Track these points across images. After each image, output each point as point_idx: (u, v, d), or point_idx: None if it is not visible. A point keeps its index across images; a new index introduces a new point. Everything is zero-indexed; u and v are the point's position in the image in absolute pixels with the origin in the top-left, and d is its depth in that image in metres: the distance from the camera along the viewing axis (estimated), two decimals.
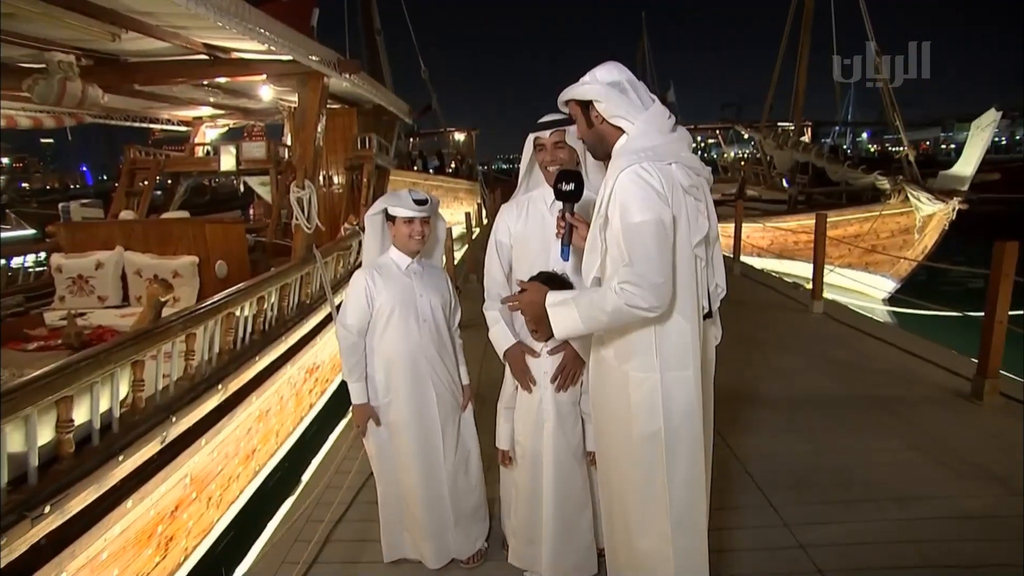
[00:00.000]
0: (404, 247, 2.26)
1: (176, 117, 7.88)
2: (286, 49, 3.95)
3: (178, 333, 2.95)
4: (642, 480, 1.71)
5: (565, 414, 2.07)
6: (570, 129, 1.99)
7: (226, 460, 3.53)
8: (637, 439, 1.69)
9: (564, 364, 2.07)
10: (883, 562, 2.40)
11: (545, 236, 2.09)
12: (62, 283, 5.18)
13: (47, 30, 3.68)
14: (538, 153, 2.08)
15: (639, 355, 1.68)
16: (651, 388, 1.66)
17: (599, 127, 1.71)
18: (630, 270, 1.52)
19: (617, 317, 1.57)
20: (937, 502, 2.79)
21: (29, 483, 2.09)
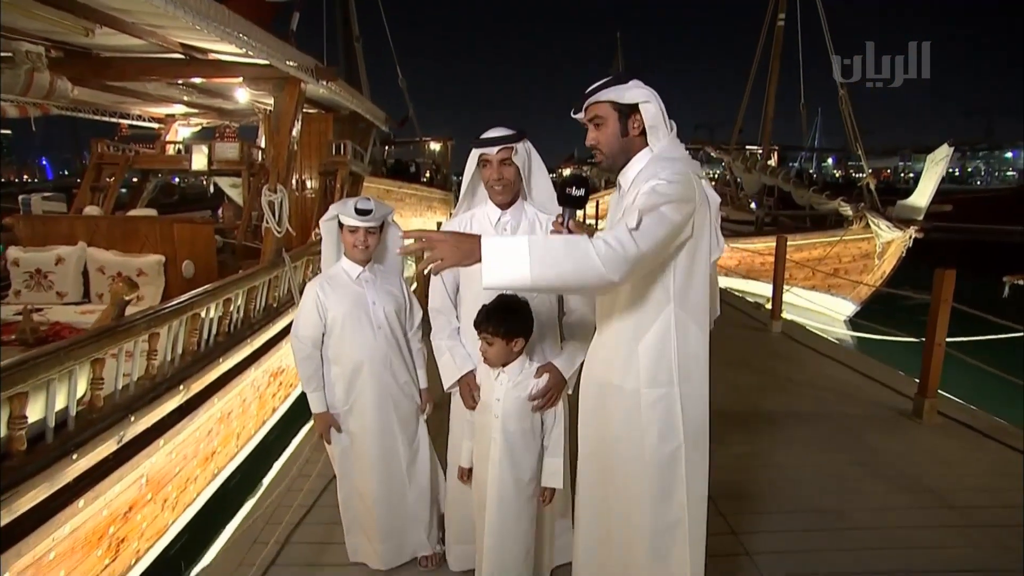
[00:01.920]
0: (350, 255, 2.29)
1: (148, 114, 7.77)
2: (263, 54, 3.98)
3: (141, 332, 2.94)
4: (658, 501, 1.65)
5: (513, 444, 1.97)
6: (516, 146, 1.98)
7: (184, 461, 3.50)
8: (652, 460, 1.63)
9: (548, 387, 1.98)
10: (821, 568, 2.52)
11: None
12: (19, 277, 5.07)
13: (16, 20, 3.65)
14: (483, 170, 2.03)
15: (654, 369, 1.62)
16: (668, 405, 1.62)
17: (633, 137, 1.64)
18: (627, 229, 1.42)
19: (576, 262, 1.38)
20: (870, 514, 2.93)
21: None
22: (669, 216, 1.46)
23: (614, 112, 1.63)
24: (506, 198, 2.05)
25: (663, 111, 1.62)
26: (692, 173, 1.56)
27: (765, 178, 12.84)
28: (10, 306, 4.77)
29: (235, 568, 2.49)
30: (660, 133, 1.62)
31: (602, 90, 1.62)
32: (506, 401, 1.96)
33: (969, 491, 3.12)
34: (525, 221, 2.09)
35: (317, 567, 2.54)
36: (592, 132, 1.68)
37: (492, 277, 1.39)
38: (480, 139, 2.02)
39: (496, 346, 1.91)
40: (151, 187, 8.12)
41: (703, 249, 1.62)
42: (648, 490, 1.64)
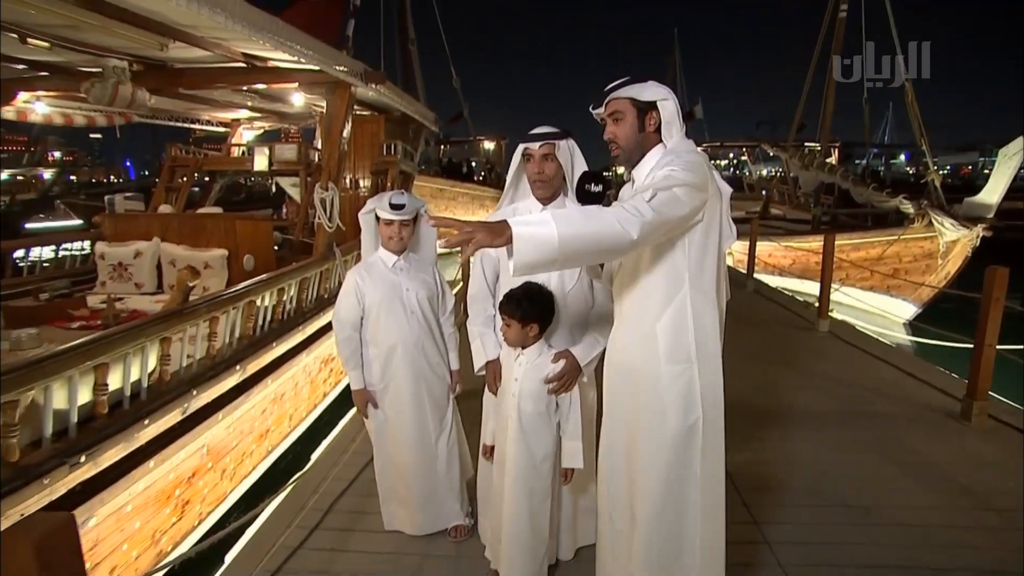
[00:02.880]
0: (386, 246, 2.48)
1: (216, 118, 8.34)
2: (314, 60, 4.28)
3: (203, 315, 3.26)
4: (675, 476, 1.72)
5: (527, 424, 2.08)
6: (560, 143, 2.07)
7: (241, 436, 3.82)
8: (672, 435, 1.70)
9: (563, 372, 2.07)
10: (840, 559, 2.54)
11: None
12: (104, 269, 5.57)
13: (103, 39, 4.06)
14: (526, 164, 2.13)
15: (673, 347, 1.70)
16: (688, 380, 1.69)
17: (649, 133, 1.74)
18: (642, 197, 1.52)
19: (597, 224, 1.46)
20: (899, 511, 2.91)
21: (69, 435, 2.39)
22: (681, 197, 1.54)
23: (633, 108, 1.72)
24: (547, 192, 2.13)
25: (679, 110, 1.72)
26: (705, 163, 1.65)
27: (823, 175, 12.42)
28: (97, 295, 5.27)
29: (284, 529, 2.74)
30: (674, 130, 1.72)
31: (623, 87, 1.73)
32: (523, 382, 2.08)
33: (1009, 495, 3.03)
34: None
35: (356, 532, 2.75)
36: (611, 127, 1.77)
37: (522, 252, 1.41)
38: (526, 135, 2.13)
39: (512, 328, 2.04)
40: (218, 187, 8.70)
41: (714, 235, 1.70)
42: (667, 460, 1.71)
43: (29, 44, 3.92)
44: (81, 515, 2.41)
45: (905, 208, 9.87)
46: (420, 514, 2.60)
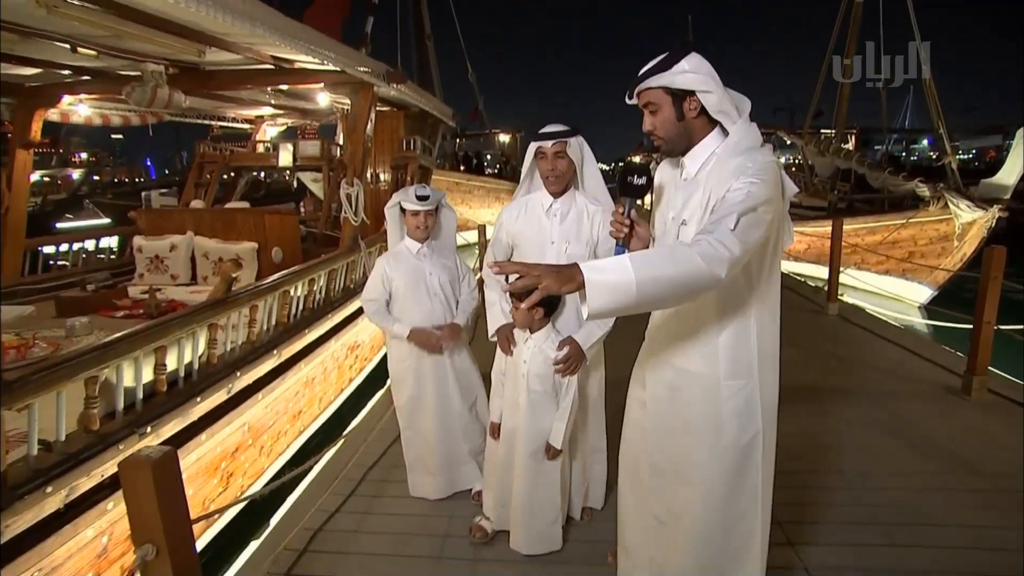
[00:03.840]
0: (412, 235, 2.71)
1: (241, 116, 8.65)
2: (340, 63, 4.53)
3: (244, 304, 3.55)
4: (732, 489, 1.68)
5: (535, 401, 2.24)
6: (570, 141, 2.19)
7: (277, 416, 4.12)
8: (730, 448, 1.65)
9: (569, 355, 2.19)
10: (832, 518, 2.75)
11: (540, 236, 2.31)
12: (142, 262, 5.90)
13: (144, 47, 4.34)
14: (539, 162, 2.25)
15: (736, 361, 1.63)
16: (749, 394, 1.64)
17: (691, 120, 1.58)
18: (727, 229, 1.39)
19: (679, 266, 1.34)
20: (898, 478, 3.11)
21: (136, 409, 2.69)
22: (765, 218, 1.45)
23: (667, 97, 1.57)
24: (558, 188, 2.26)
25: (723, 92, 1.55)
26: (777, 162, 1.55)
27: (839, 161, 12.43)
28: (136, 286, 5.61)
29: (324, 494, 3.03)
30: (733, 116, 1.56)
31: (653, 75, 1.56)
32: (531, 364, 2.24)
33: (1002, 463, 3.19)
34: (575, 209, 2.31)
35: (385, 498, 3.04)
36: (648, 118, 1.63)
37: (597, 300, 1.31)
38: (538, 133, 2.24)
39: (520, 310, 2.17)
40: (243, 182, 9.04)
41: (780, 242, 1.64)
42: (722, 478, 1.66)
43: (79, 52, 4.22)
44: None
45: (921, 191, 9.89)
46: (440, 477, 2.87)
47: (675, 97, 1.56)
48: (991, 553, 2.48)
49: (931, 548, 2.53)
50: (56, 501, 2.23)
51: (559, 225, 2.28)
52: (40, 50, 4.29)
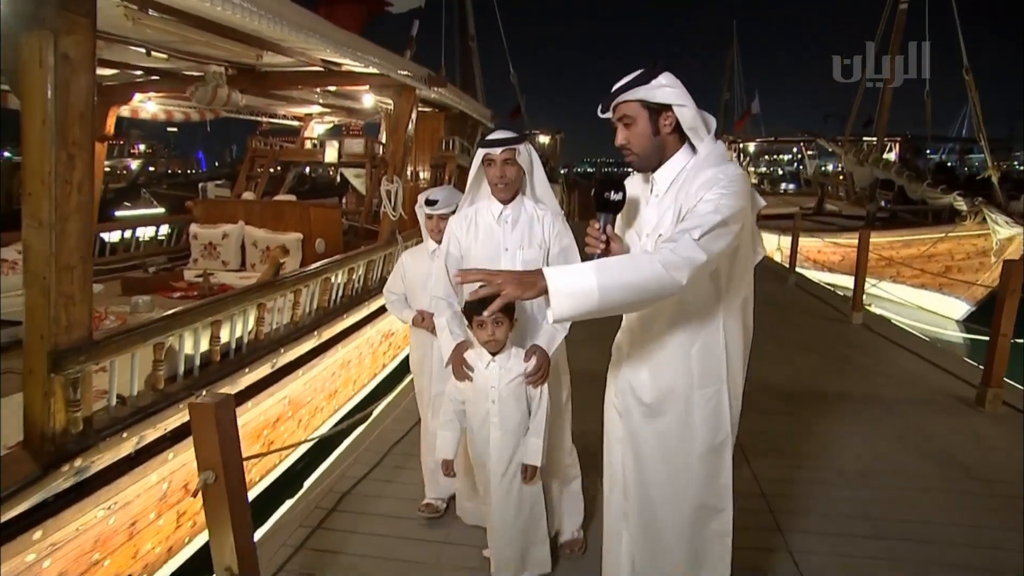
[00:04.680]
0: (430, 236, 2.71)
1: (291, 113, 9.12)
2: (384, 68, 4.87)
3: (289, 287, 3.91)
4: (703, 490, 1.73)
5: (510, 428, 2.07)
6: (519, 148, 2.14)
7: (315, 393, 4.47)
8: (700, 455, 1.70)
9: (539, 365, 2.07)
10: (824, 510, 2.90)
11: (492, 248, 2.22)
12: (197, 248, 6.37)
13: (209, 50, 4.76)
14: (487, 168, 2.17)
15: (705, 370, 1.68)
16: (718, 401, 1.69)
17: (665, 136, 1.62)
18: (691, 239, 1.42)
19: (642, 272, 1.39)
20: (896, 478, 3.23)
21: (194, 374, 3.05)
22: (733, 228, 1.48)
23: (644, 111, 1.59)
24: (508, 195, 2.20)
25: (697, 109, 1.60)
26: (746, 176, 1.58)
27: (877, 171, 12.26)
28: (191, 271, 6.08)
29: (349, 467, 3.33)
30: (701, 132, 1.60)
31: (631, 89, 1.59)
32: (501, 387, 2.04)
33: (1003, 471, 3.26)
34: (524, 215, 2.25)
35: (405, 469, 3.31)
36: (622, 132, 1.64)
37: (561, 305, 1.36)
38: (485, 140, 2.20)
39: (505, 326, 1.99)
40: (291, 176, 9.54)
41: (748, 252, 1.67)
42: (693, 483, 1.72)
43: (152, 56, 4.66)
44: None
45: (958, 205, 9.73)
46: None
47: (651, 111, 1.59)
48: (983, 551, 2.58)
49: (921, 543, 2.65)
50: (129, 446, 2.60)
51: (511, 231, 2.22)
52: (119, 54, 4.74)
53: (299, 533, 2.73)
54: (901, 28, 12.69)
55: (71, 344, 2.26)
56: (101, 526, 2.56)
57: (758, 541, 2.64)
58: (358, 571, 2.49)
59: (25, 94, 2.11)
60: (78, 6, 2.14)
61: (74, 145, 2.20)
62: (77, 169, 2.23)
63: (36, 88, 2.09)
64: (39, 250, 2.17)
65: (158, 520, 2.93)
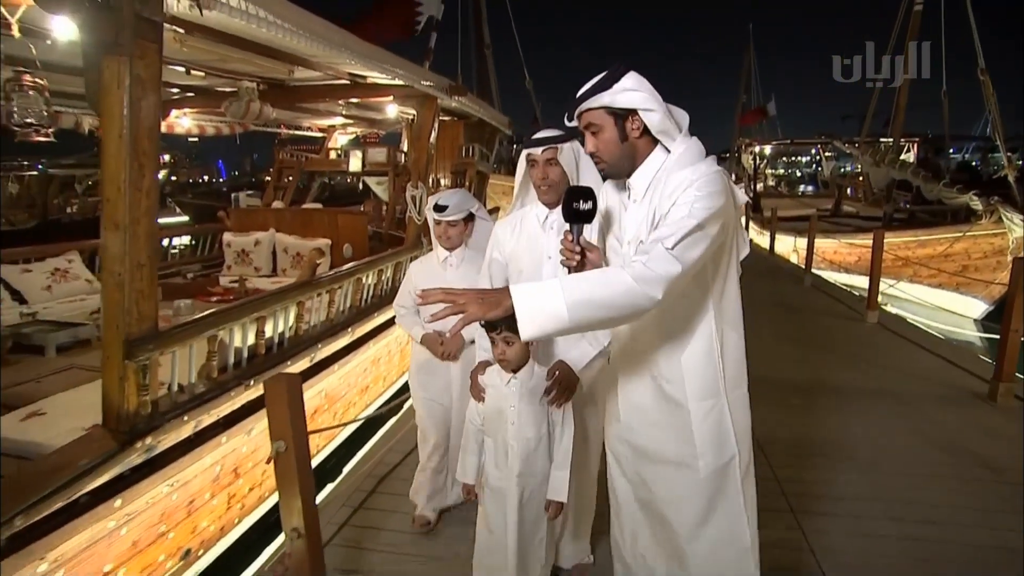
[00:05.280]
0: (439, 242, 2.61)
1: (315, 125, 9.44)
2: (408, 79, 5.12)
3: (325, 286, 4.16)
4: (714, 514, 1.62)
5: (529, 453, 1.92)
6: (562, 147, 2.00)
7: (349, 387, 4.71)
8: (707, 474, 1.60)
9: (560, 379, 1.93)
10: (837, 494, 3.07)
11: (537, 254, 2.09)
12: (230, 255, 6.67)
13: (243, 67, 5.06)
14: (531, 169, 2.06)
15: (701, 382, 1.59)
16: (719, 416, 1.59)
17: (634, 140, 1.55)
18: (664, 249, 1.35)
19: (612, 289, 1.33)
20: (907, 466, 3.38)
21: (242, 366, 3.30)
22: (709, 231, 1.41)
23: (609, 117, 1.53)
24: (552, 198, 2.05)
25: (665, 110, 1.52)
26: (723, 172, 1.51)
27: (893, 172, 12.30)
28: (225, 276, 6.38)
29: (385, 455, 3.54)
30: (672, 134, 1.54)
31: (593, 95, 1.52)
32: (521, 407, 1.91)
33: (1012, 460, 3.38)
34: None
35: None
36: (590, 140, 1.59)
37: (528, 325, 1.32)
38: (529, 139, 2.08)
39: (516, 346, 1.85)
40: (316, 185, 9.84)
41: (733, 253, 1.61)
42: (703, 501, 1.62)
43: (191, 74, 4.97)
44: (249, 426, 3.32)
45: (974, 204, 9.77)
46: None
47: (617, 117, 1.53)
48: (990, 531, 2.74)
49: (930, 523, 2.81)
50: (188, 429, 2.85)
51: (556, 238, 2.01)
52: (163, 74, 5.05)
53: (343, 512, 2.96)
54: (916, 29, 12.76)
55: (142, 334, 2.51)
56: (166, 501, 2.81)
57: (770, 521, 2.78)
58: (400, 545, 2.71)
59: (104, 111, 2.37)
60: (149, 33, 2.40)
61: (144, 156, 2.46)
62: (146, 177, 2.48)
63: (114, 106, 2.35)
64: (115, 250, 2.43)
65: (212, 500, 3.18)
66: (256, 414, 3.37)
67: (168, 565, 2.92)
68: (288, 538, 1.94)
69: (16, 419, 2.77)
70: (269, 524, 3.63)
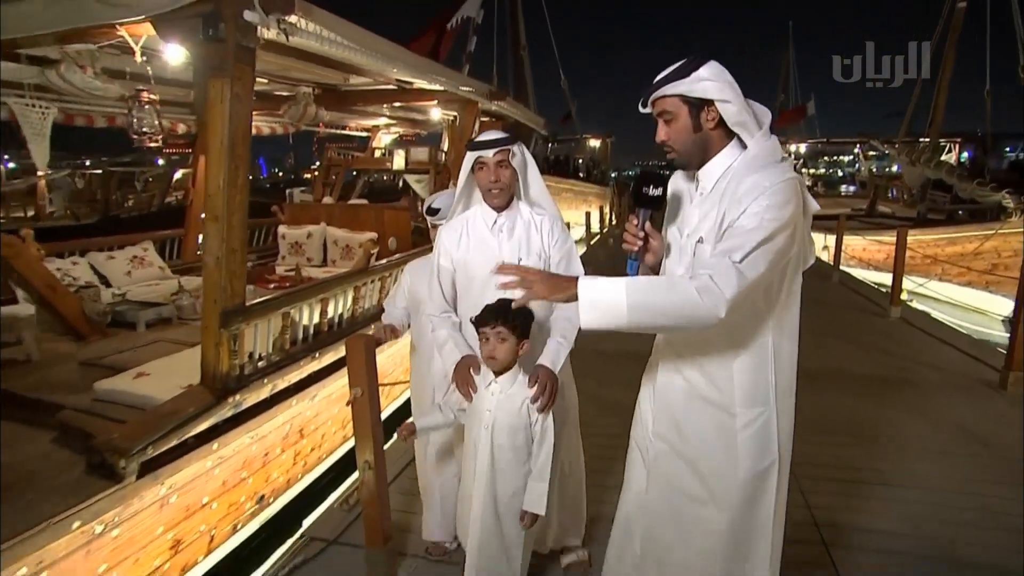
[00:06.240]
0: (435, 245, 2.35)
1: (360, 126, 10.01)
2: (452, 86, 5.58)
3: (379, 273, 4.65)
4: (746, 516, 1.61)
5: (500, 461, 1.86)
6: (513, 148, 1.99)
7: (395, 366, 5.19)
8: (745, 479, 1.58)
9: (544, 382, 1.86)
10: (842, 476, 3.27)
11: (488, 256, 2.02)
12: (285, 246, 7.25)
13: (301, 75, 5.58)
14: (479, 172, 2.01)
15: (753, 389, 1.56)
16: (765, 424, 1.56)
17: (708, 131, 1.51)
18: (731, 262, 1.34)
19: (676, 300, 1.33)
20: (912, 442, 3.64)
21: (308, 341, 3.80)
22: (777, 243, 1.38)
23: (684, 106, 1.49)
24: (502, 200, 2.04)
25: (743, 103, 1.48)
26: (797, 180, 1.45)
27: (928, 171, 12.25)
28: (280, 266, 6.94)
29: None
30: (751, 128, 1.49)
31: (670, 83, 1.48)
32: (497, 412, 1.86)
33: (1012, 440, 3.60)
34: (520, 222, 2.08)
35: None
36: (662, 128, 1.55)
37: (588, 315, 1.36)
38: (475, 142, 2.02)
39: (507, 344, 1.81)
40: (361, 183, 10.43)
41: (799, 263, 1.57)
42: (738, 503, 1.60)
43: (258, 81, 5.52)
44: (313, 392, 3.83)
45: (1006, 203, 9.74)
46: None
47: (692, 107, 1.49)
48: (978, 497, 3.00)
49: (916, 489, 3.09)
50: (266, 391, 3.35)
51: (507, 241, 2.05)
52: None
53: (404, 458, 3.35)
54: (959, 27, 12.67)
55: (234, 307, 3.02)
56: (247, 451, 3.32)
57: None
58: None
59: (209, 123, 2.88)
60: (246, 58, 2.89)
61: (238, 159, 2.96)
62: (239, 177, 2.98)
63: (217, 118, 2.85)
64: (215, 236, 2.93)
65: (281, 455, 3.69)
66: (318, 383, 3.88)
67: (247, 506, 3.44)
68: (361, 469, 2.38)
69: (129, 378, 3.32)
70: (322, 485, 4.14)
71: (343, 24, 3.54)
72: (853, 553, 2.57)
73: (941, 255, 9.65)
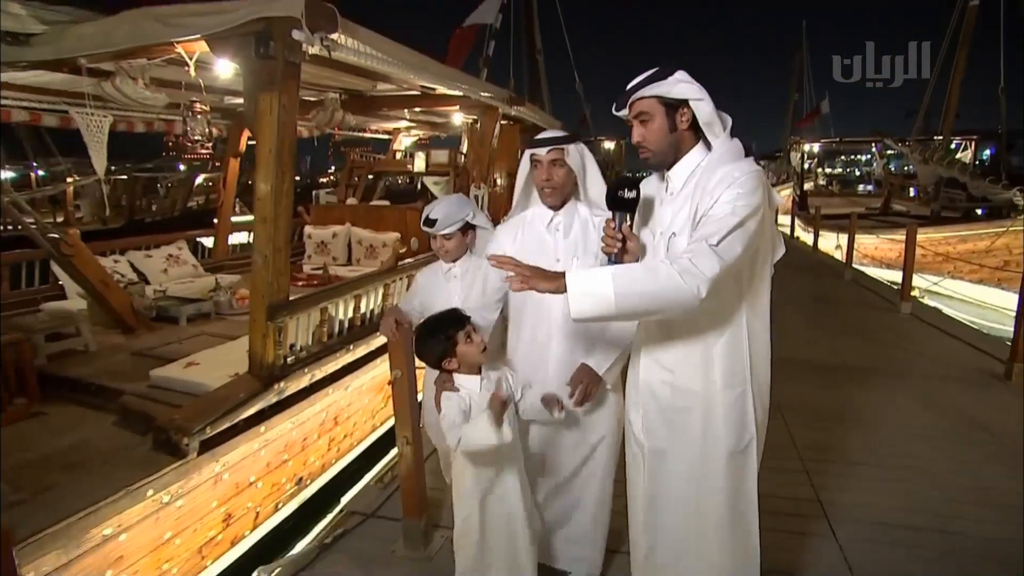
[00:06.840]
0: (438, 255, 2.48)
1: (382, 128, 10.29)
2: (473, 93, 5.82)
3: (407, 271, 4.90)
4: (732, 493, 1.70)
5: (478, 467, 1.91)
6: (568, 148, 1.98)
7: None
8: (724, 457, 1.67)
9: (580, 378, 1.93)
10: (844, 459, 3.47)
11: (543, 254, 2.04)
12: (311, 246, 7.54)
13: (330, 82, 5.86)
14: (534, 171, 2.03)
15: (730, 371, 1.65)
16: (743, 403, 1.65)
17: (682, 132, 1.62)
18: (708, 246, 1.44)
19: (659, 283, 1.42)
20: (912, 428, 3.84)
21: (343, 335, 4.07)
22: (751, 228, 1.49)
23: (661, 107, 1.60)
24: (556, 200, 2.05)
25: (713, 104, 1.59)
26: (762, 172, 1.58)
27: (941, 169, 12.29)
28: (307, 264, 7.23)
29: None
30: (716, 129, 1.60)
31: (647, 85, 1.59)
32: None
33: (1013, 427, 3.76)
34: (578, 221, 2.09)
35: None
36: (638, 129, 1.65)
37: (578, 306, 1.44)
38: (532, 140, 2.05)
39: (472, 346, 1.90)
40: (382, 185, 10.71)
41: (767, 253, 1.67)
42: (718, 487, 1.69)
43: None
44: (347, 383, 4.09)
45: (1017, 200, 9.79)
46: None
47: (668, 107, 1.60)
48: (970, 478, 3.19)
49: (911, 469, 3.30)
50: (306, 380, 3.62)
51: (563, 240, 2.07)
52: None
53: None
54: (972, 25, 12.70)
55: (279, 302, 3.28)
56: (288, 436, 3.59)
57: (784, 479, 3.21)
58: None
59: (259, 133, 3.14)
60: (292, 72, 3.16)
61: (285, 165, 3.22)
62: (286, 182, 3.25)
63: (266, 129, 3.12)
64: (263, 236, 3.20)
65: (318, 440, 3.96)
66: (352, 373, 4.14)
67: (287, 487, 3.71)
68: (400, 444, 2.63)
69: (180, 367, 3.61)
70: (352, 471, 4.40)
71: (379, 39, 3.79)
72: (851, 525, 2.77)
73: (953, 253, 9.74)
